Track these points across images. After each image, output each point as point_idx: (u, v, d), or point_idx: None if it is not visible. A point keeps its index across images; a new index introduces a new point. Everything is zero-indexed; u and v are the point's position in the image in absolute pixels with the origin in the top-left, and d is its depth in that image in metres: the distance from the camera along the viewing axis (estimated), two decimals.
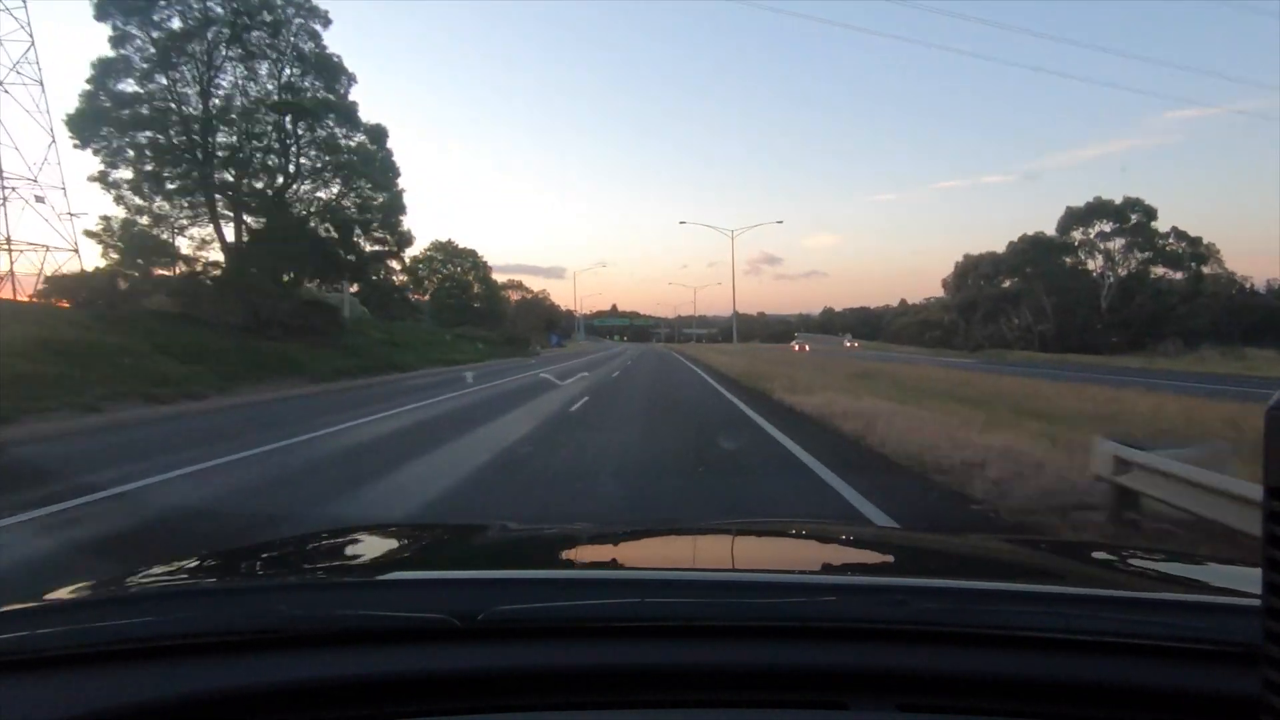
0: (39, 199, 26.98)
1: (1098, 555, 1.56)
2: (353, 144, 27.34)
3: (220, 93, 24.54)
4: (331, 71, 26.31)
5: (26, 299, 24.06)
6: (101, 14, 21.97)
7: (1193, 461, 4.34)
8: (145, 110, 22.77)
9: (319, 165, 26.93)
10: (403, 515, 5.31)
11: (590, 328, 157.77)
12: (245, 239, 25.43)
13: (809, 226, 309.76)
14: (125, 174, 23.54)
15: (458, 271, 67.16)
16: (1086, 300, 58.29)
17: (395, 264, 31.23)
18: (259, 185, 25.85)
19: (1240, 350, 38.33)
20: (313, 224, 27.05)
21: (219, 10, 23.50)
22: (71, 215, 28.63)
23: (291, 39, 25.39)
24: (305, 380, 19.55)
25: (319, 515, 5.31)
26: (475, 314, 62.80)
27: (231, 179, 25.08)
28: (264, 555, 1.55)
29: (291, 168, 26.12)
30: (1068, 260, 60.23)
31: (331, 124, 26.44)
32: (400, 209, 29.26)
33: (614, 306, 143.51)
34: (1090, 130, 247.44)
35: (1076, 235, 60.45)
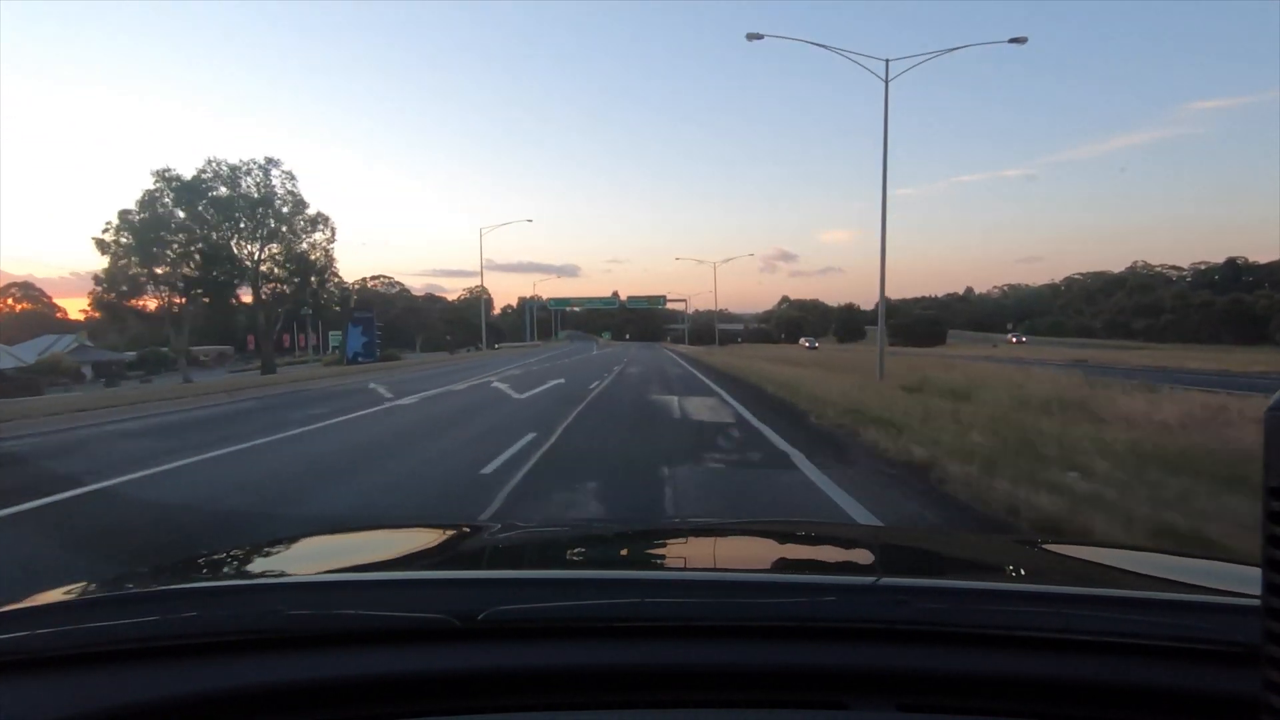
0: None
1: (1098, 555, 1.56)
2: None
3: None
4: None
5: None
6: None
7: None
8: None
9: None
10: None
11: (564, 319, 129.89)
12: None
13: (824, 222, 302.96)
14: None
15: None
16: None
17: None
18: None
19: None
20: None
21: None
22: None
23: None
24: None
25: None
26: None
27: None
28: (264, 555, 1.55)
29: None
30: None
31: None
32: None
33: (615, 293, 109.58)
34: (1111, 121, 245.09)
35: None
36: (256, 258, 41.28)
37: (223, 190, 40.13)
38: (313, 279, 43.23)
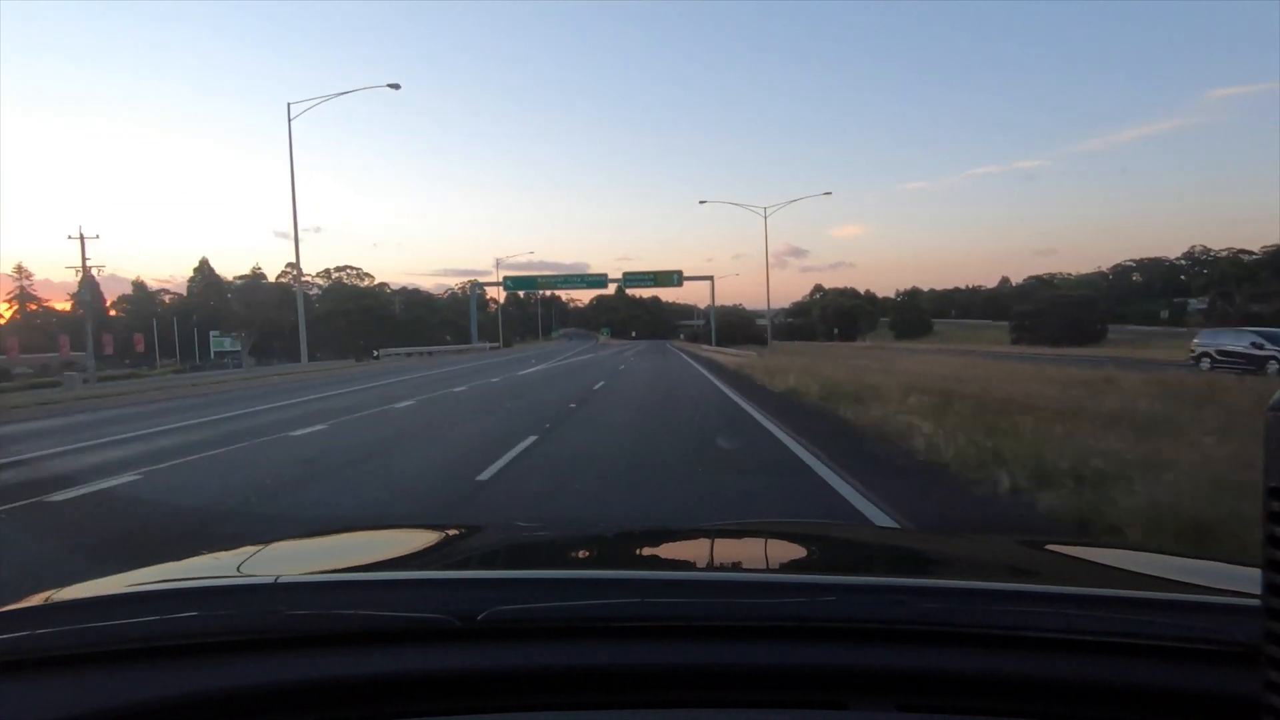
0: None
1: (1098, 555, 1.56)
2: None
3: None
4: None
5: None
6: None
7: None
8: None
9: None
10: None
11: (564, 314, 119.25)
12: None
13: (835, 217, 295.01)
14: None
15: None
16: None
17: None
18: None
19: None
20: None
21: None
22: None
23: None
24: None
25: None
26: None
27: None
28: (264, 555, 1.55)
29: None
30: None
31: None
32: None
33: (620, 280, 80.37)
34: (1134, 109, 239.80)
35: None
36: None
37: None
38: None
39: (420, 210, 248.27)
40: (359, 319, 73.56)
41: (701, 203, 46.12)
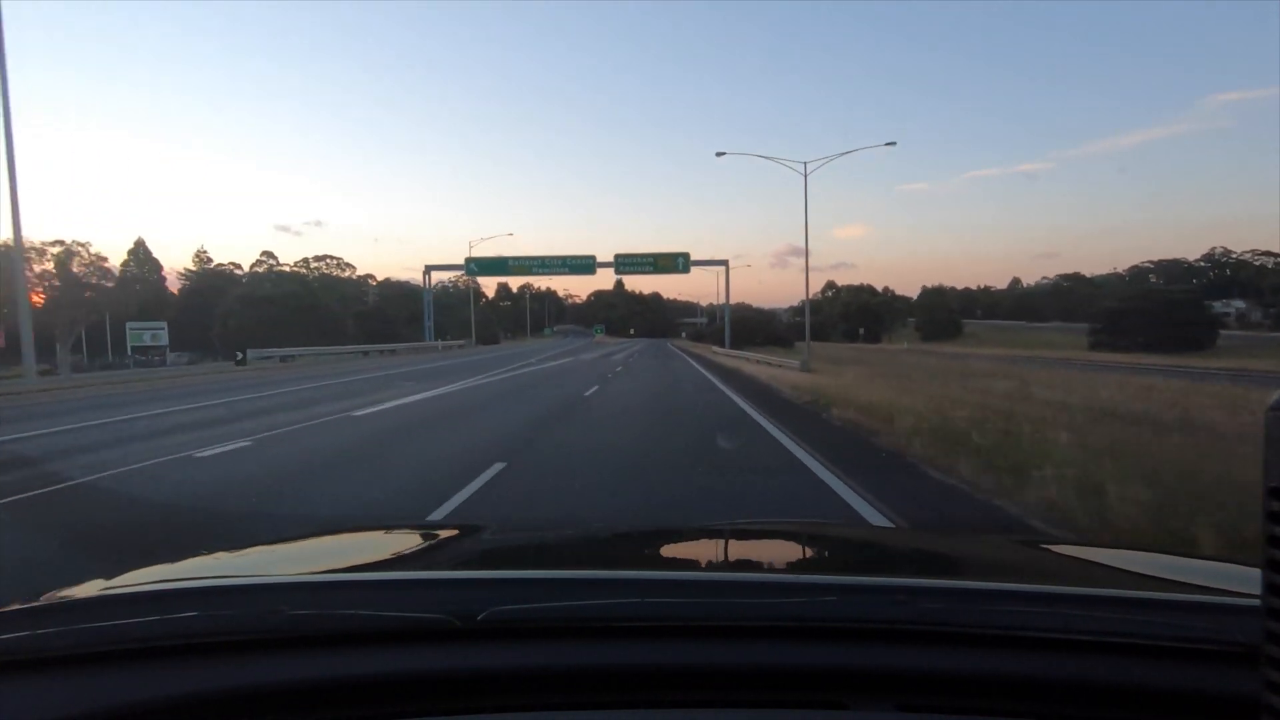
0: None
1: (1098, 555, 1.56)
2: None
3: None
4: None
5: None
6: None
7: None
8: None
9: None
10: None
11: (562, 311, 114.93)
12: None
13: (837, 218, 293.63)
14: None
15: None
16: None
17: None
18: None
19: None
20: None
21: None
22: None
23: None
24: None
25: None
26: None
27: None
28: (264, 555, 1.55)
29: None
30: None
31: None
32: None
33: (616, 278, 75.59)
34: (1130, 116, 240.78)
35: None
36: None
37: None
38: None
39: (422, 210, 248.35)
40: (292, 310, 58.97)
41: (719, 154, 38.01)
